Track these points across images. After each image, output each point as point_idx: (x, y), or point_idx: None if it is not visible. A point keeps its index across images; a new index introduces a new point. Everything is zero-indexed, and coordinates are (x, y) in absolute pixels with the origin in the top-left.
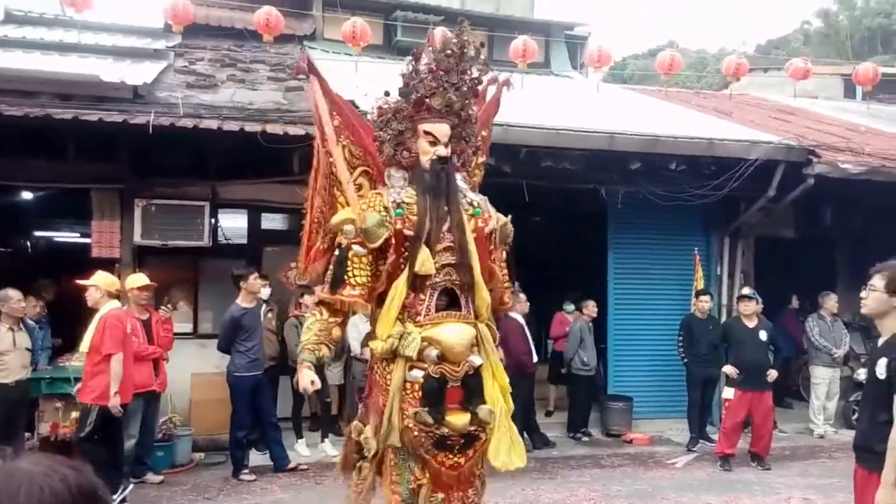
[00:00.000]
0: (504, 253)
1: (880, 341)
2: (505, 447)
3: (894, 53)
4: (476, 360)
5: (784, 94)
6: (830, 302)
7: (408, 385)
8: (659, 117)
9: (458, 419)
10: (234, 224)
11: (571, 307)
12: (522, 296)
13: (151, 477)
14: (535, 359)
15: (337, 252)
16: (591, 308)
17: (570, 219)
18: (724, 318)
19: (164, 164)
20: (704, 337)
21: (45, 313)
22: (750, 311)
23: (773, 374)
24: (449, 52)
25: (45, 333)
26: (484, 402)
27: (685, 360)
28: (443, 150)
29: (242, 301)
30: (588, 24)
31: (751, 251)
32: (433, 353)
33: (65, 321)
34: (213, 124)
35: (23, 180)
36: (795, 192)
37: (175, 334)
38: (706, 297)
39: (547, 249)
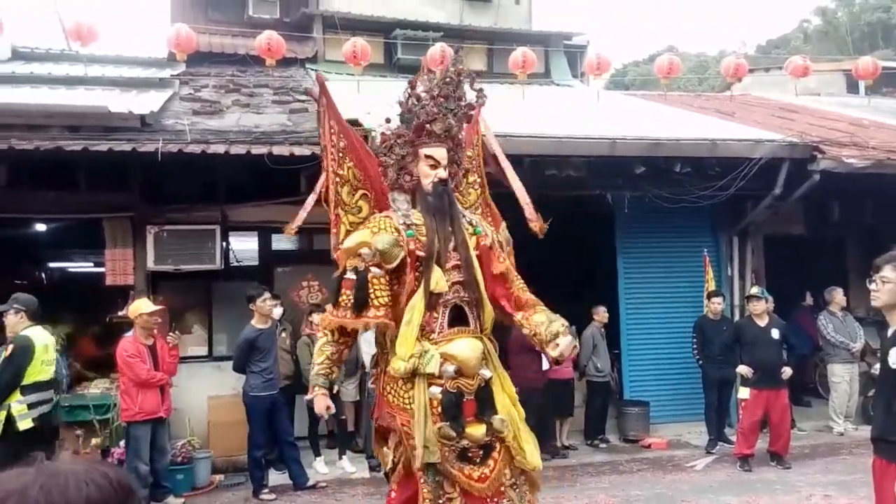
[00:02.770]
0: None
1: (890, 331)
2: (532, 448)
3: (895, 47)
4: (486, 372)
5: (786, 92)
6: (838, 297)
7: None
8: (661, 121)
9: (476, 430)
10: (245, 246)
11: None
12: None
13: (172, 500)
14: (546, 367)
15: (354, 276)
16: (601, 314)
17: (578, 226)
18: (736, 319)
19: (173, 191)
20: (718, 338)
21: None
22: (760, 310)
23: (787, 372)
24: (448, 79)
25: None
26: (496, 413)
27: (700, 362)
28: (443, 173)
29: (257, 322)
30: (586, 33)
31: (760, 250)
32: (450, 368)
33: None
34: (220, 149)
35: (36, 212)
36: (802, 189)
37: (191, 357)
38: (718, 299)
39: (556, 257)
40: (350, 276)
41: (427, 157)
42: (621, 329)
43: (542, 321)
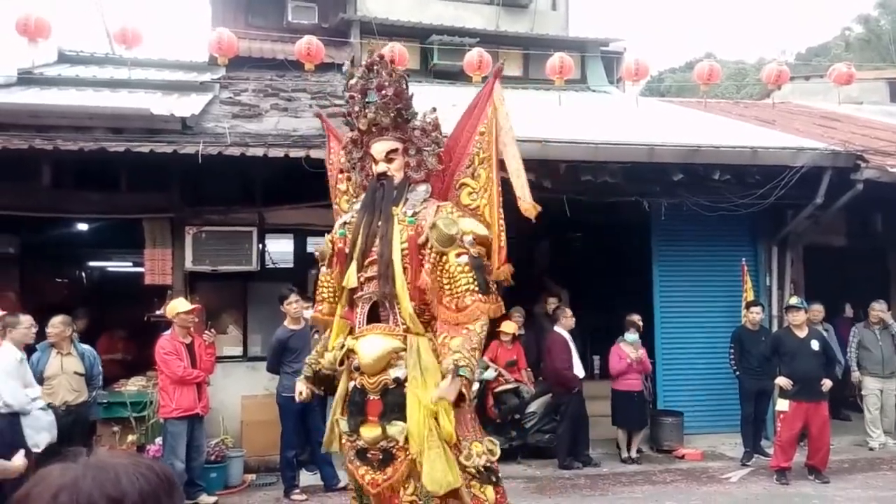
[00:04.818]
0: (462, 257)
1: None
2: (440, 469)
3: None
4: (393, 372)
5: (827, 101)
6: (874, 311)
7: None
8: (699, 128)
9: (370, 432)
10: (280, 248)
11: (635, 336)
12: (568, 311)
13: (205, 498)
14: (582, 374)
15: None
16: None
17: (614, 232)
18: (774, 329)
19: (212, 192)
20: (756, 349)
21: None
22: (799, 320)
23: (827, 384)
24: (360, 73)
25: None
26: (400, 419)
27: (737, 372)
28: (378, 168)
29: (289, 323)
30: (623, 39)
31: (800, 260)
32: (354, 363)
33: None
34: (259, 152)
35: (78, 212)
36: (844, 199)
37: (225, 357)
38: (757, 309)
39: (591, 264)
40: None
41: (370, 154)
42: (656, 338)
43: (454, 348)
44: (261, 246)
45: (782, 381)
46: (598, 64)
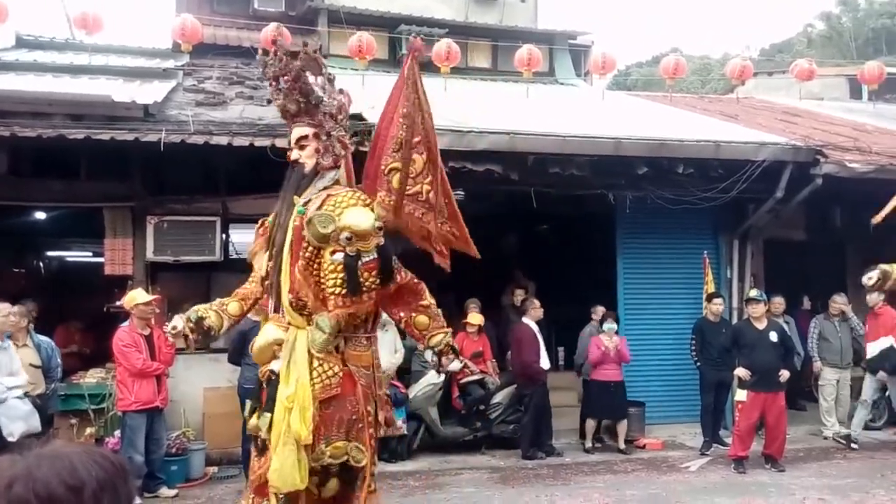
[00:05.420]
0: (336, 255)
1: None
2: (288, 467)
3: None
4: (274, 365)
5: (790, 96)
6: (836, 303)
7: None
8: (665, 122)
9: (252, 420)
10: (245, 239)
11: (613, 326)
12: (536, 302)
13: (165, 491)
14: (548, 365)
15: None
16: (599, 312)
17: (580, 225)
18: (734, 321)
19: (175, 182)
20: (717, 340)
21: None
22: (759, 313)
23: (785, 375)
24: (271, 60)
25: None
26: (270, 412)
27: (698, 363)
28: (292, 155)
29: (252, 315)
30: (591, 32)
31: (760, 253)
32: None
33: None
34: (223, 140)
35: (36, 200)
36: (804, 193)
37: (187, 349)
38: (719, 301)
39: (558, 256)
40: None
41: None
42: (619, 329)
43: (425, 325)
44: (224, 236)
45: (741, 371)
46: (566, 57)
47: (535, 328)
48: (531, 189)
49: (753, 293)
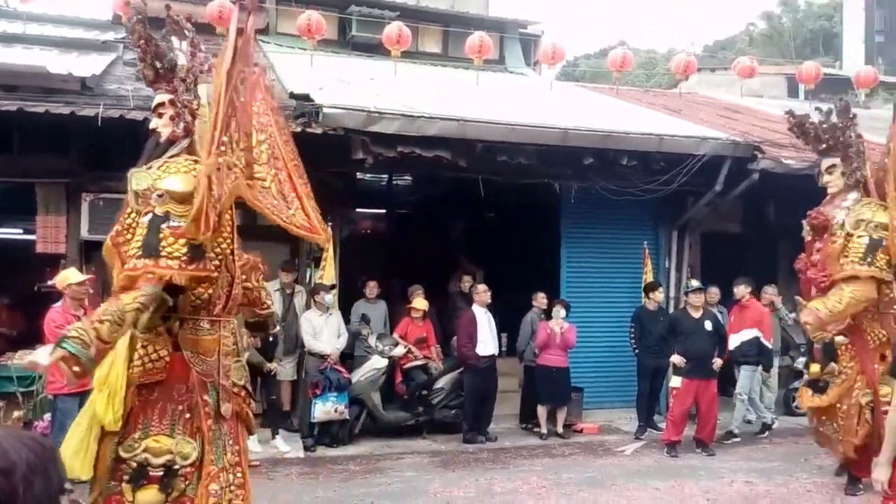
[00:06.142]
0: (146, 216)
1: None
2: (70, 450)
3: (835, 55)
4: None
5: (731, 93)
6: (766, 294)
7: None
8: (611, 114)
9: None
10: None
11: (563, 312)
12: (481, 286)
13: None
14: (493, 351)
15: None
16: (540, 300)
17: (526, 213)
18: (672, 310)
19: (112, 158)
20: (655, 328)
21: None
22: (699, 302)
23: (717, 363)
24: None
25: None
26: None
27: (636, 350)
28: (151, 123)
29: None
30: (541, 22)
31: (698, 245)
32: None
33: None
34: None
35: None
36: (741, 187)
37: None
38: (661, 289)
39: (505, 243)
40: None
41: None
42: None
43: (93, 315)
44: None
45: (676, 358)
46: (517, 45)
47: (482, 313)
48: (479, 176)
49: (695, 283)
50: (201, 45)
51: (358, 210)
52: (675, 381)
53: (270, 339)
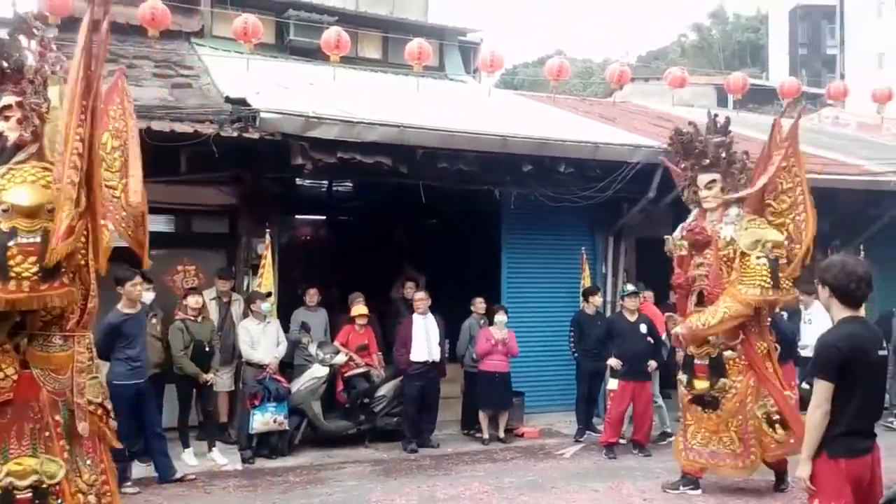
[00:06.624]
0: None
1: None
2: None
3: (762, 66)
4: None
5: (663, 102)
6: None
7: None
8: (548, 122)
9: None
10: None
11: (504, 318)
12: (419, 294)
13: None
14: (431, 357)
15: None
16: (478, 305)
17: (467, 219)
18: (608, 314)
19: None
20: (593, 332)
21: None
22: (636, 306)
23: (653, 365)
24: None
25: None
26: None
27: (575, 354)
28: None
29: (123, 307)
30: (481, 30)
31: (633, 250)
32: None
33: None
34: None
35: None
36: (673, 194)
37: None
38: (599, 294)
39: (447, 250)
40: None
41: None
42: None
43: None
44: None
45: (613, 361)
46: (456, 53)
47: (420, 320)
48: (420, 183)
49: (630, 287)
50: (52, 45)
51: (297, 216)
52: (613, 384)
53: (206, 348)
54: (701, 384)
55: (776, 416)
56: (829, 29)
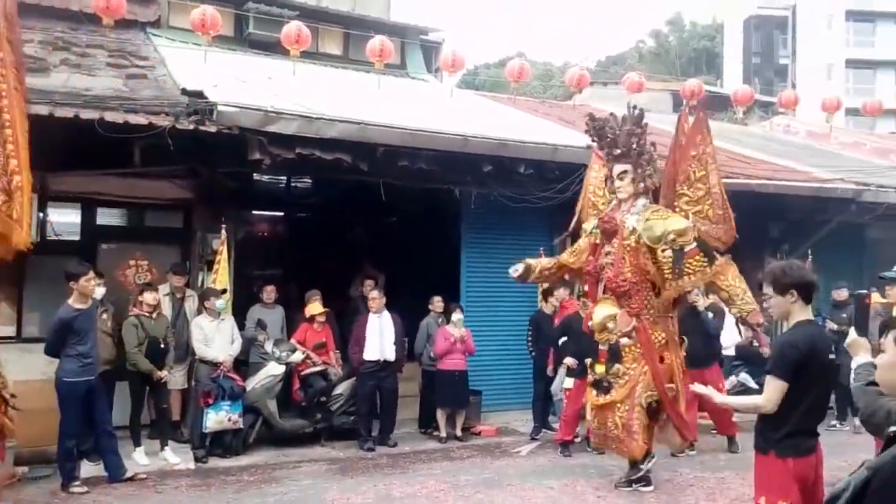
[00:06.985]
0: None
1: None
2: None
3: (717, 73)
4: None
5: (621, 106)
6: None
7: None
8: (508, 123)
9: None
10: (65, 219)
11: (460, 316)
12: (374, 293)
13: None
14: (385, 357)
15: None
16: (436, 304)
17: (427, 218)
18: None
19: None
20: (550, 332)
21: None
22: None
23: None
24: None
25: None
26: None
27: (533, 353)
28: None
29: (75, 302)
30: (442, 30)
31: None
32: None
33: None
34: (43, 110)
35: None
36: None
37: None
38: (557, 294)
39: (407, 248)
40: None
41: None
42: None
43: None
44: (41, 215)
45: (569, 360)
46: (418, 51)
47: (375, 319)
48: (380, 181)
49: (586, 287)
50: None
51: (255, 212)
52: (568, 383)
53: (161, 345)
54: (600, 369)
55: (655, 405)
56: (782, 39)
